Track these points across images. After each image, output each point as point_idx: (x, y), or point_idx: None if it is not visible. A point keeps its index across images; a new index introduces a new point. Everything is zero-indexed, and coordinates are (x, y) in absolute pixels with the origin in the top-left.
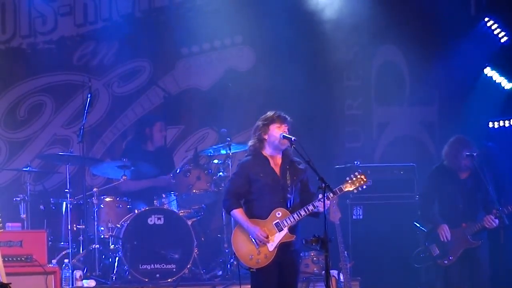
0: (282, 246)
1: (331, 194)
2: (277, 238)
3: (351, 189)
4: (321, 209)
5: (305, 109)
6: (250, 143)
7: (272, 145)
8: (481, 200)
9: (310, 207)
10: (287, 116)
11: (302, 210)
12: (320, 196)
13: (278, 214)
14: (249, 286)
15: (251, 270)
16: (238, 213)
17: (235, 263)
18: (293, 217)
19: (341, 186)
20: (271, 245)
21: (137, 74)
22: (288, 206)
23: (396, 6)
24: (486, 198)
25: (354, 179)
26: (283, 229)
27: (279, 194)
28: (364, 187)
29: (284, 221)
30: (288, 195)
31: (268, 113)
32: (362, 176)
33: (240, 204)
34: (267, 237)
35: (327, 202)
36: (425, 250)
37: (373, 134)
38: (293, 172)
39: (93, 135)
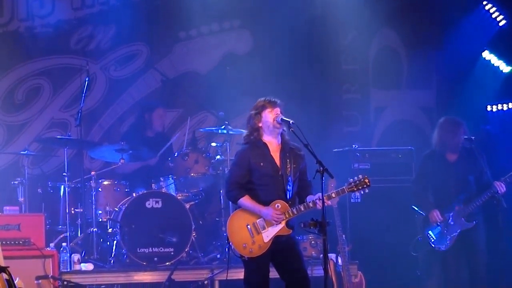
0: (278, 238)
1: (333, 195)
2: (273, 230)
3: (354, 190)
4: (319, 207)
5: (302, 93)
6: (245, 133)
7: (268, 130)
8: (473, 182)
9: (311, 204)
10: (277, 100)
11: (302, 205)
12: (321, 194)
13: (278, 206)
14: (238, 271)
15: (243, 258)
16: (247, 200)
17: (232, 247)
18: (293, 211)
19: (344, 187)
20: (267, 237)
21: (135, 57)
22: (288, 198)
23: None
24: (480, 180)
25: (358, 182)
26: (280, 222)
27: (279, 186)
28: (366, 190)
29: (284, 214)
30: (288, 187)
31: (258, 100)
32: (366, 180)
33: (245, 192)
34: (282, 215)
35: (328, 202)
36: (423, 237)
37: (370, 118)
38: (294, 160)
39: (91, 118)
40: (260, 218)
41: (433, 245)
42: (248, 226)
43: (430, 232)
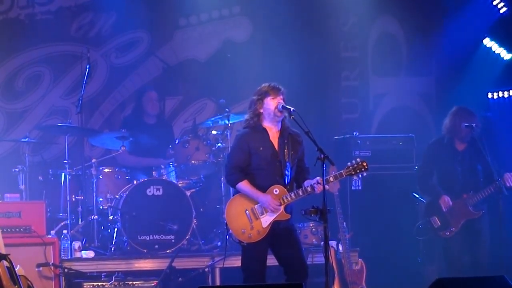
0: (276, 224)
1: (331, 179)
2: (271, 215)
3: (352, 174)
4: (318, 191)
5: (301, 80)
6: (246, 117)
7: (269, 117)
8: (481, 171)
9: (309, 189)
10: (280, 87)
11: (300, 190)
12: (319, 178)
13: (276, 191)
14: (239, 259)
15: (242, 244)
16: (246, 185)
17: (231, 232)
18: (291, 196)
19: (342, 171)
20: (265, 222)
21: (135, 45)
22: (286, 183)
23: None
24: (486, 169)
25: (355, 165)
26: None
27: (277, 171)
28: (365, 174)
29: (281, 199)
30: (286, 172)
31: (262, 85)
32: (364, 164)
33: (244, 176)
34: (280, 204)
35: (327, 186)
36: (426, 222)
37: (370, 105)
38: (292, 146)
39: (91, 105)
40: (258, 203)
41: (439, 232)
42: (247, 212)
43: (435, 218)
